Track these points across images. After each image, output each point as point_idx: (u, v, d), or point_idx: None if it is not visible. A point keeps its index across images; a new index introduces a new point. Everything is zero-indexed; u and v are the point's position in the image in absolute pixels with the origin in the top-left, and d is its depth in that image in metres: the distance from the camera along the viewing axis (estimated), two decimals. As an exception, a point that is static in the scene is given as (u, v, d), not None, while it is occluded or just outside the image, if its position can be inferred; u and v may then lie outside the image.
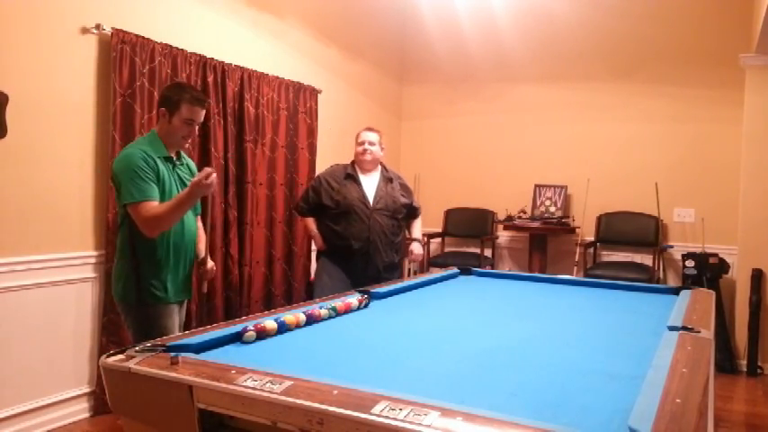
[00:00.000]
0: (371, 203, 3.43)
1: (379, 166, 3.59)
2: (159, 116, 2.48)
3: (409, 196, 3.66)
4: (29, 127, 2.89)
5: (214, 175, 2.31)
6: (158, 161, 2.41)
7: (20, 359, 2.90)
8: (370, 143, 3.50)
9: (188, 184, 2.56)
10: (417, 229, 3.74)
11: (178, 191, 2.45)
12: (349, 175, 3.49)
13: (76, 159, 3.11)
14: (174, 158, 2.53)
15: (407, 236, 3.75)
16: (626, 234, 5.18)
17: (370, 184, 3.50)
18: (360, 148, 3.50)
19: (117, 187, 2.40)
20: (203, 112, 2.52)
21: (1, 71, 2.77)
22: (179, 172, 2.55)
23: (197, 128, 2.56)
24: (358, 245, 3.35)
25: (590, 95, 5.42)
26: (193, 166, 2.73)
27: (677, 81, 5.08)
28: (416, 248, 3.62)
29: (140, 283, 2.40)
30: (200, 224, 2.77)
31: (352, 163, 3.58)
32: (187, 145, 2.60)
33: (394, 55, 6.10)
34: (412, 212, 3.68)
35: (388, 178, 3.57)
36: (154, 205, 2.32)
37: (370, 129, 3.60)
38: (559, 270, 5.18)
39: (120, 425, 1.61)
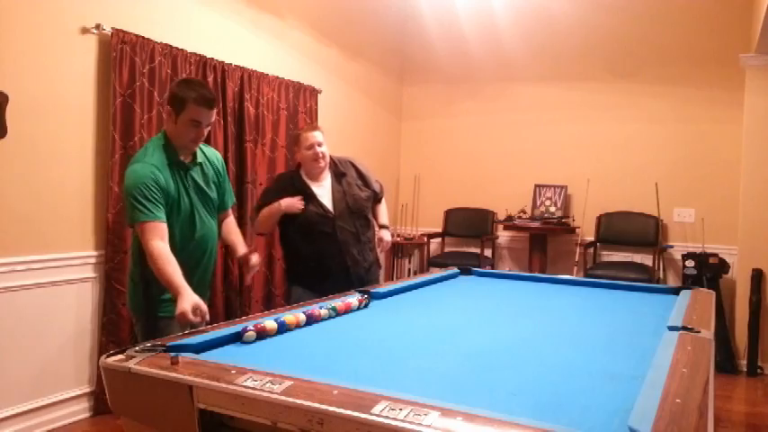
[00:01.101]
0: (332, 213, 2.99)
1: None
2: (166, 115, 2.34)
3: (368, 184, 3.20)
4: (29, 127, 2.89)
5: (189, 316, 2.01)
6: (167, 172, 2.27)
7: (20, 359, 2.90)
8: (319, 144, 2.99)
9: (204, 187, 2.42)
10: (383, 214, 3.31)
11: (189, 198, 2.33)
12: (298, 189, 2.99)
13: (76, 159, 3.11)
14: (188, 161, 2.37)
15: (375, 223, 3.31)
16: (626, 234, 5.18)
17: (323, 189, 3.04)
18: (310, 153, 2.97)
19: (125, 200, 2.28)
20: (212, 112, 2.33)
21: (1, 71, 2.77)
22: (193, 175, 2.39)
23: (207, 129, 2.37)
24: (333, 263, 2.97)
25: (590, 95, 5.43)
26: (214, 157, 2.53)
27: (677, 81, 5.08)
28: (386, 236, 3.20)
29: (148, 293, 2.31)
30: (231, 219, 2.65)
31: (298, 168, 3.10)
32: (197, 148, 2.43)
33: (394, 55, 6.10)
34: (376, 198, 3.26)
35: (340, 174, 3.10)
36: (158, 228, 2.18)
37: (314, 127, 3.09)
38: (559, 270, 5.18)
39: (120, 425, 1.61)
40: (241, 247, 2.60)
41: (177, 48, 3.49)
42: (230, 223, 2.65)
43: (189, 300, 2.03)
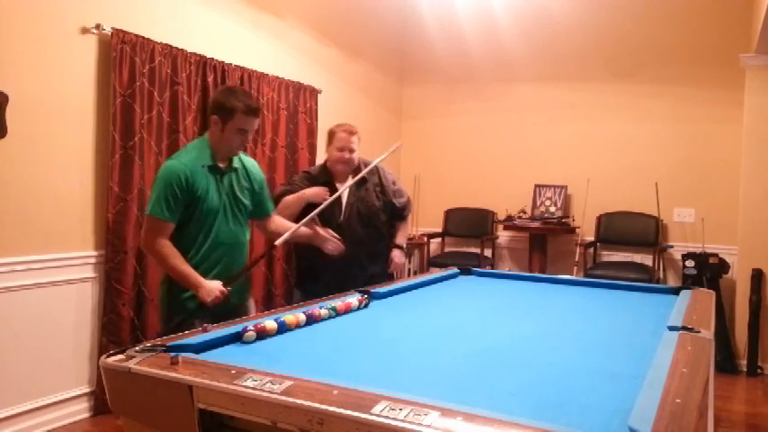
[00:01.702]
0: (342, 214, 3.00)
1: None
2: (211, 123, 2.41)
3: (388, 196, 3.16)
4: (29, 127, 2.89)
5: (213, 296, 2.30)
6: (201, 172, 2.34)
7: (20, 359, 2.90)
8: (351, 150, 3.01)
9: (237, 190, 2.48)
10: (402, 234, 3.27)
11: (221, 198, 2.40)
12: (325, 182, 3.01)
13: (76, 159, 3.11)
14: (224, 166, 2.45)
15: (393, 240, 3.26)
16: (626, 234, 5.18)
17: (342, 191, 3.01)
18: (338, 154, 3.01)
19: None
20: (257, 121, 2.46)
21: (1, 71, 2.77)
22: (228, 179, 2.46)
23: (247, 137, 2.46)
24: (332, 267, 2.89)
25: (590, 95, 5.43)
26: (252, 166, 2.61)
27: (677, 81, 5.08)
28: (397, 257, 3.18)
29: (172, 289, 2.37)
30: (275, 215, 2.73)
31: (324, 165, 3.12)
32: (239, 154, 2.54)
33: (394, 55, 6.10)
34: (396, 213, 3.22)
35: (361, 180, 3.05)
36: (167, 228, 2.30)
37: (352, 131, 3.05)
38: (559, 270, 5.18)
39: (120, 425, 1.61)
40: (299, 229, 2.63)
41: (177, 48, 3.49)
42: (276, 217, 2.73)
43: (211, 285, 2.29)
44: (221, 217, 2.40)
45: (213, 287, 2.29)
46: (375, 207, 3.08)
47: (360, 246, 3.00)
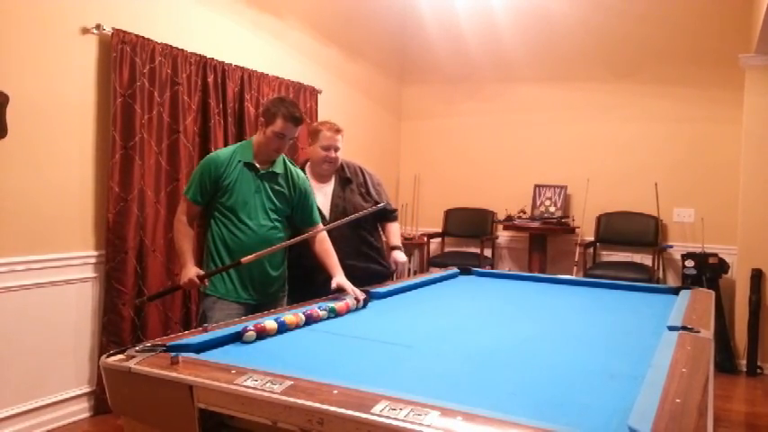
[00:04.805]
0: (327, 217, 2.88)
1: None
2: (259, 125, 2.64)
3: (373, 197, 3.06)
4: (29, 127, 2.89)
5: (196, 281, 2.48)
6: (238, 165, 2.56)
7: (20, 359, 2.90)
8: (337, 149, 2.90)
9: (272, 192, 2.61)
10: (395, 234, 3.18)
11: (252, 195, 2.55)
12: None
13: (76, 159, 3.11)
14: (262, 167, 2.59)
15: (387, 243, 3.19)
16: (626, 234, 5.19)
17: (323, 192, 2.93)
18: (323, 154, 2.89)
19: None
20: (296, 129, 2.59)
21: (1, 71, 2.77)
22: (266, 180, 2.59)
23: (284, 142, 2.57)
24: (319, 271, 2.63)
25: (590, 95, 5.43)
26: (297, 174, 2.70)
27: (677, 81, 5.08)
28: (399, 257, 3.10)
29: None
30: (321, 237, 2.67)
31: (303, 166, 2.98)
32: (277, 157, 2.64)
33: (394, 55, 6.10)
34: (382, 215, 3.10)
35: (345, 180, 3.00)
36: (190, 207, 2.56)
37: (338, 129, 2.94)
38: (559, 270, 5.18)
39: (120, 425, 1.61)
40: (334, 271, 2.58)
41: (177, 48, 3.49)
42: (321, 242, 2.68)
43: (189, 272, 2.47)
44: (252, 211, 2.56)
45: (189, 273, 2.46)
46: (362, 208, 2.93)
47: (346, 246, 2.88)
